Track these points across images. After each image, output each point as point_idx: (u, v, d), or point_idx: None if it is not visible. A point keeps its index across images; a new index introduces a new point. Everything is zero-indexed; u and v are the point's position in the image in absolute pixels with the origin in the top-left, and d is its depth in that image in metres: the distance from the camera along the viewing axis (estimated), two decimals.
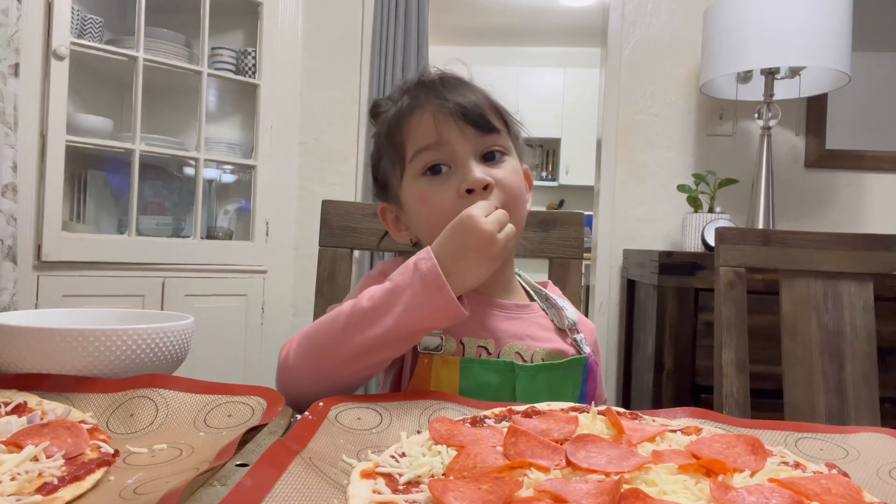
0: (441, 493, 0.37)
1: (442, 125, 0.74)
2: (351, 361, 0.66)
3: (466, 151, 0.74)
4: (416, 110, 0.76)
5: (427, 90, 0.77)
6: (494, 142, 0.75)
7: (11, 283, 1.72)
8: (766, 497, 0.38)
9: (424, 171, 0.75)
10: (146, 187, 2.29)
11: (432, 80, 0.78)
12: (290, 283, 2.47)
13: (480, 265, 0.66)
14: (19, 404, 0.52)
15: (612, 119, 2.44)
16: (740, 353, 1.08)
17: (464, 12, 4.50)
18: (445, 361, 0.72)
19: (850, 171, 2.36)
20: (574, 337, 0.82)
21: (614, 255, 2.43)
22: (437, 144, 0.74)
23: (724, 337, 1.09)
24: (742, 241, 1.11)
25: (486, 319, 0.78)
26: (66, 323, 0.67)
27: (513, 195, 0.75)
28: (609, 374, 2.42)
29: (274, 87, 2.37)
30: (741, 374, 1.07)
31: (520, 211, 0.76)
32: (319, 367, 0.66)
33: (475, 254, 0.66)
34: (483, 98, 0.77)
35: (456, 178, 0.73)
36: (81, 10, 2.09)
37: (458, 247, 0.66)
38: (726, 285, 1.10)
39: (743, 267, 1.10)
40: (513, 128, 0.81)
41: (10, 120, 1.72)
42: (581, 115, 4.87)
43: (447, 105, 0.74)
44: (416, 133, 0.75)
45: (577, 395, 0.79)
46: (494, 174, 0.74)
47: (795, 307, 1.10)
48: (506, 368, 0.73)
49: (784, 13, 1.84)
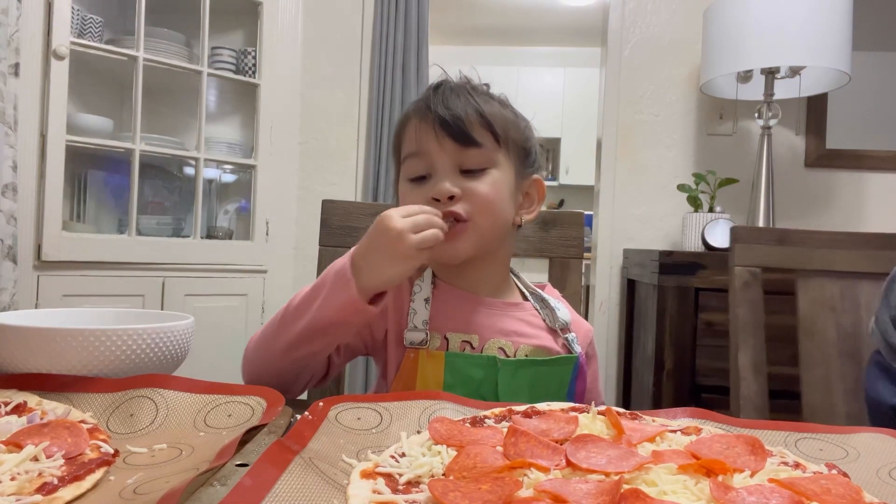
0: (441, 494, 0.37)
1: (422, 136, 0.77)
2: (284, 354, 0.72)
3: (444, 162, 0.76)
4: (410, 117, 0.80)
5: (425, 98, 0.79)
6: (475, 156, 0.76)
7: (11, 283, 1.72)
8: (766, 497, 0.38)
9: (410, 177, 0.79)
10: (146, 187, 2.29)
11: (435, 87, 0.80)
12: (290, 283, 2.47)
13: (390, 262, 0.67)
14: (19, 404, 0.52)
15: (612, 119, 2.44)
16: (757, 355, 1.05)
17: (464, 12, 4.50)
18: (431, 356, 0.75)
19: (850, 170, 2.36)
20: (565, 336, 0.83)
21: (614, 254, 2.43)
22: (418, 154, 0.77)
23: (739, 338, 1.05)
24: (757, 241, 1.08)
25: (471, 316, 0.80)
26: (66, 323, 0.67)
27: (482, 206, 0.76)
28: (609, 374, 2.42)
29: (274, 87, 2.37)
30: (758, 377, 1.04)
31: (489, 220, 0.77)
32: (264, 358, 0.73)
33: (384, 250, 0.67)
34: (473, 111, 0.77)
35: (429, 187, 0.76)
36: (81, 10, 2.09)
37: (369, 244, 0.68)
38: (742, 285, 1.07)
39: (758, 267, 1.08)
40: (511, 140, 0.80)
41: (10, 120, 1.72)
42: (581, 115, 4.86)
43: (429, 117, 0.76)
44: (406, 139, 0.79)
45: (564, 393, 0.80)
46: (467, 185, 0.76)
47: (812, 308, 1.07)
48: (488, 363, 0.76)
49: (784, 13, 1.84)
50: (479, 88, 0.82)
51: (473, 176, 0.76)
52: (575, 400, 0.77)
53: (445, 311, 0.80)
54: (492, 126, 0.77)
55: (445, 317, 0.79)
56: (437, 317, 0.79)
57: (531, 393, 0.76)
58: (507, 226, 0.82)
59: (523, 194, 0.84)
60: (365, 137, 2.48)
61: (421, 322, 0.77)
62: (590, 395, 0.85)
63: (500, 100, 0.83)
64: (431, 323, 0.78)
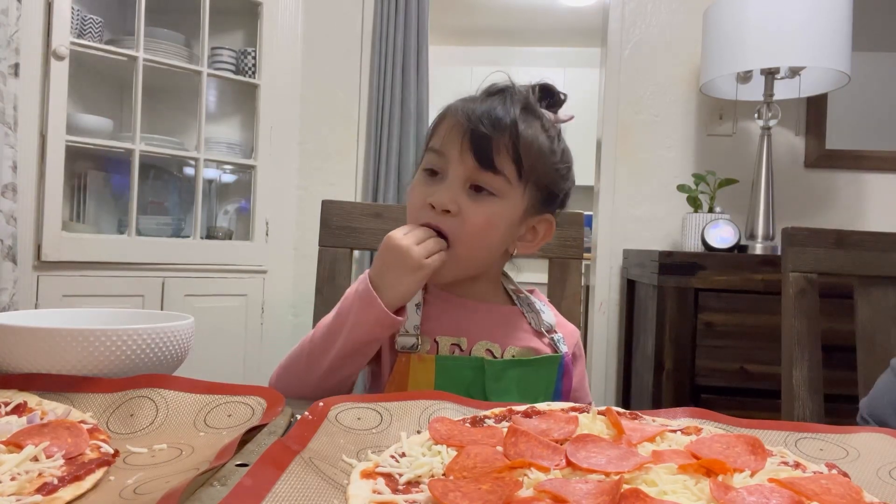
0: (441, 494, 0.37)
1: (450, 138, 0.76)
2: (320, 382, 0.75)
3: (457, 173, 0.75)
4: (447, 116, 0.79)
5: (472, 102, 0.78)
6: (489, 179, 0.75)
7: (11, 283, 1.72)
8: (766, 497, 0.38)
9: (426, 166, 0.79)
10: (146, 187, 2.29)
11: (489, 93, 0.79)
12: (290, 283, 2.47)
13: (403, 276, 0.73)
14: (19, 404, 0.52)
15: (612, 119, 2.44)
16: (814, 372, 0.94)
17: (464, 12, 4.50)
18: (422, 359, 0.77)
19: (850, 171, 2.36)
20: (551, 337, 0.84)
21: (614, 255, 2.43)
22: (439, 152, 0.77)
23: (794, 353, 0.95)
24: (813, 244, 0.99)
25: (460, 320, 0.81)
26: (66, 323, 0.67)
27: (468, 235, 0.75)
28: (609, 374, 2.42)
29: (274, 87, 2.37)
30: (815, 396, 0.93)
31: (469, 251, 0.77)
32: (298, 392, 0.75)
33: (396, 267, 0.73)
34: (508, 137, 0.74)
35: (436, 188, 0.76)
36: (81, 10, 2.09)
37: (382, 264, 0.74)
38: (797, 293, 0.97)
39: (815, 272, 0.97)
40: (537, 178, 0.78)
41: (10, 120, 1.72)
42: (581, 115, 4.86)
43: (463, 125, 0.75)
44: (437, 133, 0.79)
45: (550, 392, 0.81)
46: (466, 206, 0.75)
47: (873, 317, 0.97)
48: (477, 364, 0.77)
49: (784, 13, 1.84)
50: (535, 112, 0.78)
51: (478, 196, 0.75)
52: (560, 399, 0.78)
53: (436, 315, 0.81)
54: (520, 159, 0.75)
55: (436, 321, 0.81)
56: (427, 321, 0.80)
57: (519, 393, 0.77)
58: (494, 256, 0.82)
59: (529, 228, 0.82)
60: (365, 137, 2.48)
61: (412, 327, 0.79)
62: (576, 394, 0.85)
63: (552, 132, 0.80)
64: (422, 327, 0.80)
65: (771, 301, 1.76)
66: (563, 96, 0.84)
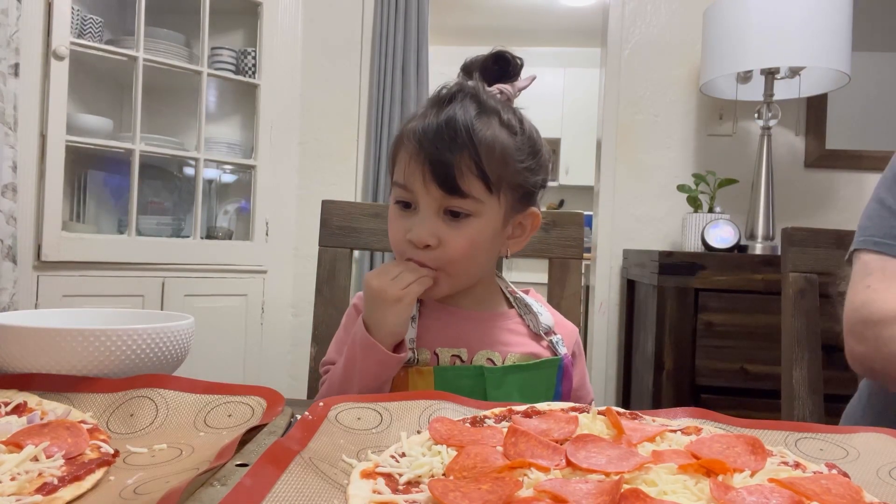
0: (441, 494, 0.37)
1: (411, 171, 0.75)
2: None
3: (427, 203, 0.74)
4: (403, 143, 0.77)
5: (425, 115, 0.76)
6: (458, 203, 0.74)
7: (11, 283, 1.72)
8: (766, 497, 0.38)
9: (397, 199, 0.78)
10: (146, 187, 2.29)
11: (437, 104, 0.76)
12: (290, 283, 2.47)
13: (386, 313, 0.74)
14: (19, 404, 0.52)
15: (611, 119, 2.44)
16: (813, 372, 0.94)
17: (464, 12, 4.50)
18: (420, 372, 0.77)
19: (849, 171, 2.36)
20: (550, 339, 0.83)
21: (614, 255, 2.43)
22: (405, 187, 0.76)
23: (794, 353, 0.96)
24: (813, 244, 0.99)
25: (458, 330, 0.81)
26: (66, 323, 0.67)
27: (455, 259, 0.75)
28: (609, 374, 2.42)
29: (274, 87, 2.37)
30: (814, 396, 0.94)
31: (460, 269, 0.77)
32: None
33: (378, 307, 0.74)
34: (468, 157, 0.72)
35: (412, 221, 0.75)
36: (81, 10, 2.09)
37: (367, 307, 0.76)
38: (796, 293, 0.97)
39: (815, 272, 0.97)
40: (507, 184, 0.76)
41: (10, 120, 1.72)
42: (581, 115, 4.86)
43: (420, 157, 0.73)
44: (398, 164, 0.78)
45: (551, 394, 0.81)
46: (445, 234, 0.74)
47: None
48: (476, 373, 0.77)
49: (784, 13, 1.84)
50: (489, 107, 0.75)
51: (455, 221, 0.75)
52: (561, 400, 0.78)
53: (434, 326, 0.81)
54: (485, 175, 0.73)
55: (434, 332, 0.80)
56: (425, 333, 0.80)
57: (520, 398, 0.77)
58: (487, 267, 0.83)
59: (516, 225, 0.82)
60: (365, 138, 2.48)
61: (409, 340, 0.78)
62: (577, 393, 0.85)
63: (513, 125, 0.76)
64: (420, 340, 0.79)
65: (771, 301, 1.76)
66: (519, 62, 0.81)
